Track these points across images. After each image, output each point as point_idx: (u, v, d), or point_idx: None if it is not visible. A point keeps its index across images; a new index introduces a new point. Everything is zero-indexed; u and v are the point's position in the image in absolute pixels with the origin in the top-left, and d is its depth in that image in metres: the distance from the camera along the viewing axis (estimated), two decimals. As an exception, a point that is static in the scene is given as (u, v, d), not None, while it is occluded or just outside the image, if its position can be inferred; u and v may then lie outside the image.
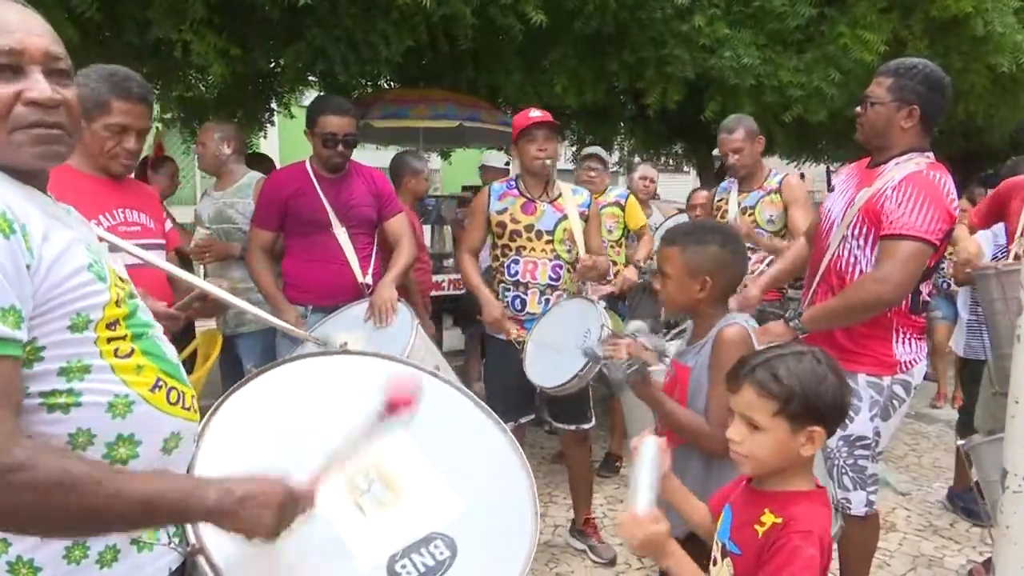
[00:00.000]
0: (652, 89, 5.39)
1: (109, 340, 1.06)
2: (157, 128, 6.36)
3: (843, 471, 2.46)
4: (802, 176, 6.95)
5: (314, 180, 3.08)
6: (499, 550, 1.43)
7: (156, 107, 6.16)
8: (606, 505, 3.74)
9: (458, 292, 4.93)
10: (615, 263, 4.09)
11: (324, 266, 3.07)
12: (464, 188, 6.57)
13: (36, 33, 1.05)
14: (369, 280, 3.09)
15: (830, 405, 1.32)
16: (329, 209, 3.06)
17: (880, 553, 3.25)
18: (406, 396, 1.24)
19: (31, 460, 0.91)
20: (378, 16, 4.30)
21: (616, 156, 9.06)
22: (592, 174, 4.08)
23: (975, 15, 5.07)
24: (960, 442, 1.93)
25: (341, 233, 3.09)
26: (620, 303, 4.27)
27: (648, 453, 1.42)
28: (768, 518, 1.33)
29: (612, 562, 3.16)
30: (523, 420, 3.16)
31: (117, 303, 1.08)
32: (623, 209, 4.18)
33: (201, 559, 1.20)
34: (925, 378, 6.18)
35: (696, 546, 1.52)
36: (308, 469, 1.18)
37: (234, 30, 4.14)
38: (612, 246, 4.08)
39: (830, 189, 2.63)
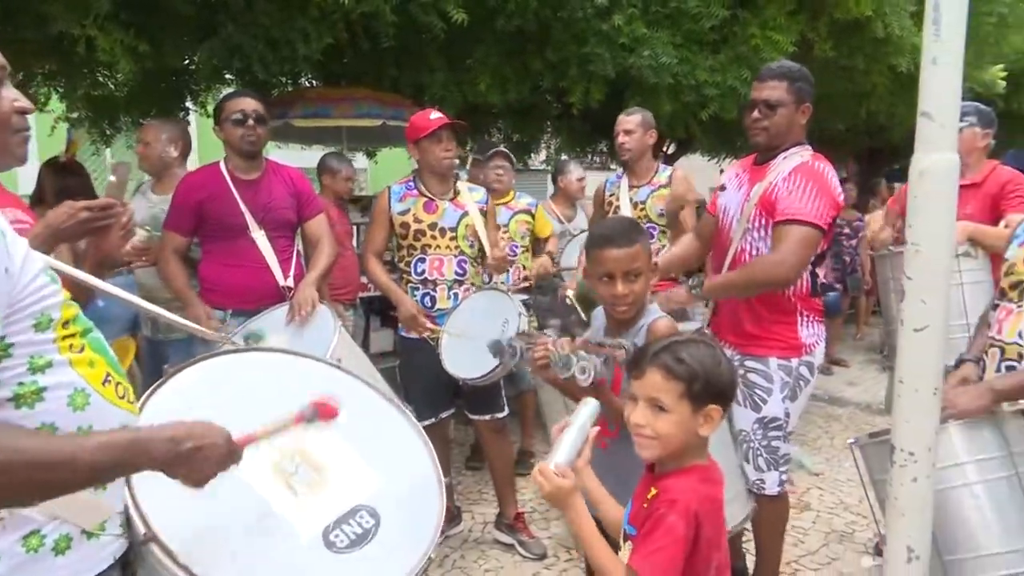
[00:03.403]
0: (575, 88, 5.46)
1: (64, 337, 1.12)
2: (68, 128, 6.07)
3: (758, 453, 2.57)
4: (722, 172, 7.18)
5: (229, 182, 3.01)
6: (414, 515, 1.65)
7: (61, 106, 5.88)
8: (535, 499, 3.79)
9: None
10: (524, 267, 4.16)
11: (243, 270, 3.01)
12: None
13: None
14: (291, 283, 3.04)
15: (727, 384, 1.43)
16: (246, 212, 3.00)
17: (795, 531, 3.42)
18: (330, 407, 1.48)
19: None
20: (296, 13, 4.22)
21: (543, 155, 9.14)
22: (500, 172, 4.12)
23: (875, 18, 5.33)
24: (850, 441, 2.05)
25: (259, 236, 3.03)
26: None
27: (584, 413, 1.49)
28: (651, 493, 1.41)
29: (542, 556, 3.20)
30: (444, 415, 3.21)
31: (67, 303, 1.15)
32: (533, 217, 4.24)
33: (154, 546, 1.30)
34: (833, 362, 6.48)
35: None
36: (239, 430, 1.29)
37: (142, 26, 3.99)
38: (523, 251, 4.14)
39: (721, 188, 2.75)
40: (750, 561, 2.86)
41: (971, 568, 1.72)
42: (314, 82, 6.18)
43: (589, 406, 1.51)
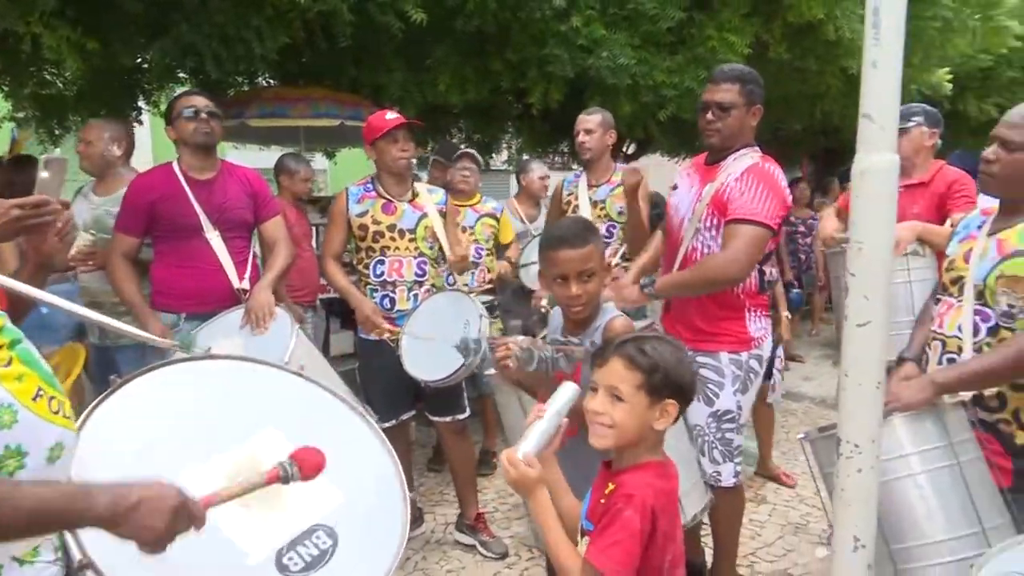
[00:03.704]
0: (535, 88, 5.48)
1: None
2: (13, 128, 5.88)
3: (713, 446, 2.62)
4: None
5: (183, 182, 2.96)
6: (376, 533, 1.57)
7: (7, 105, 5.71)
8: (498, 499, 3.80)
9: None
10: (489, 270, 4.18)
11: (196, 272, 2.95)
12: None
13: None
14: (246, 285, 2.99)
15: (687, 381, 1.46)
16: (200, 212, 2.95)
17: (752, 524, 3.48)
18: (313, 460, 1.35)
19: None
20: (251, 12, 4.16)
21: (505, 155, 9.16)
22: (466, 173, 4.12)
23: (827, 21, 5.46)
24: (799, 435, 2.10)
25: (214, 237, 2.98)
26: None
27: (562, 397, 1.50)
28: (609, 489, 1.42)
29: (503, 556, 3.21)
30: (404, 417, 3.20)
31: None
32: (498, 221, 4.26)
33: (90, 573, 1.22)
34: (789, 358, 6.59)
35: None
36: (202, 487, 1.21)
37: (90, 23, 3.89)
38: (488, 254, 4.16)
39: (673, 187, 2.79)
40: (709, 556, 2.91)
41: (917, 555, 1.77)
42: (271, 82, 6.10)
43: (568, 389, 1.51)
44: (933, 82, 7.28)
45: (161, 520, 1.06)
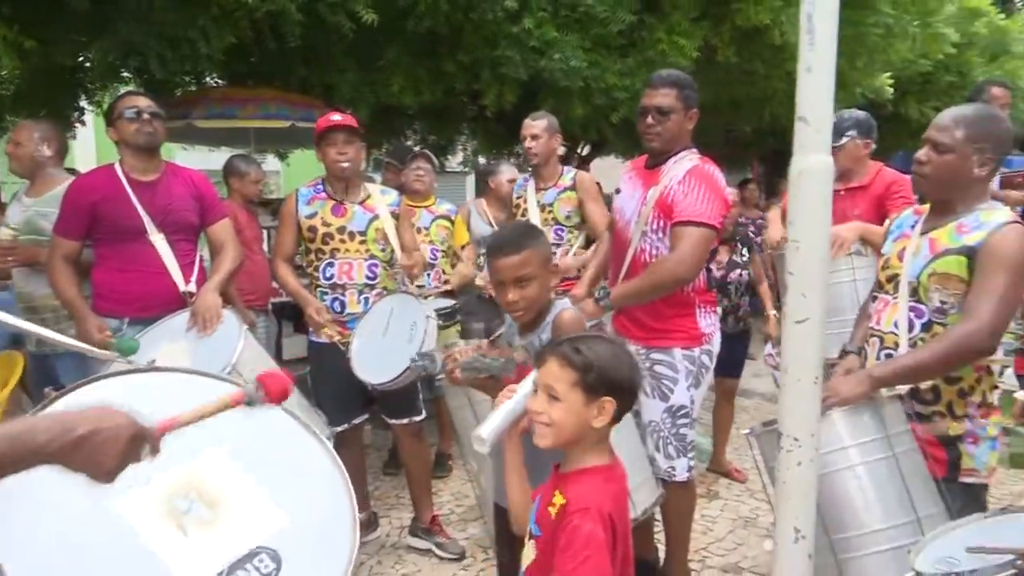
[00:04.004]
0: (488, 90, 5.51)
1: None
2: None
3: (667, 441, 2.66)
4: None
5: (125, 184, 2.88)
6: (322, 555, 1.50)
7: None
8: (453, 501, 3.79)
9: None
10: (444, 272, 4.17)
11: (140, 276, 2.88)
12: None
13: None
14: (192, 288, 2.92)
15: (624, 378, 1.46)
16: (144, 214, 2.88)
17: (704, 519, 3.54)
18: (283, 385, 1.29)
19: None
20: (196, 11, 4.08)
21: (460, 157, 9.14)
22: (420, 173, 4.10)
23: (773, 26, 5.59)
24: (745, 431, 2.15)
25: (158, 240, 2.91)
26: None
27: (521, 391, 1.53)
28: (558, 499, 1.43)
29: (460, 557, 3.20)
30: (357, 421, 3.17)
31: None
32: (452, 223, 4.26)
33: None
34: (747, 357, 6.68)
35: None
36: (159, 416, 1.16)
37: (28, 21, 3.76)
38: (443, 256, 4.16)
39: (617, 190, 2.83)
40: (662, 552, 2.95)
41: (856, 544, 1.83)
42: (219, 82, 5.99)
43: (527, 383, 1.54)
44: (876, 86, 7.51)
45: (113, 454, 1.03)
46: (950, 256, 1.95)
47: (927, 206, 2.15)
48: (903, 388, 1.97)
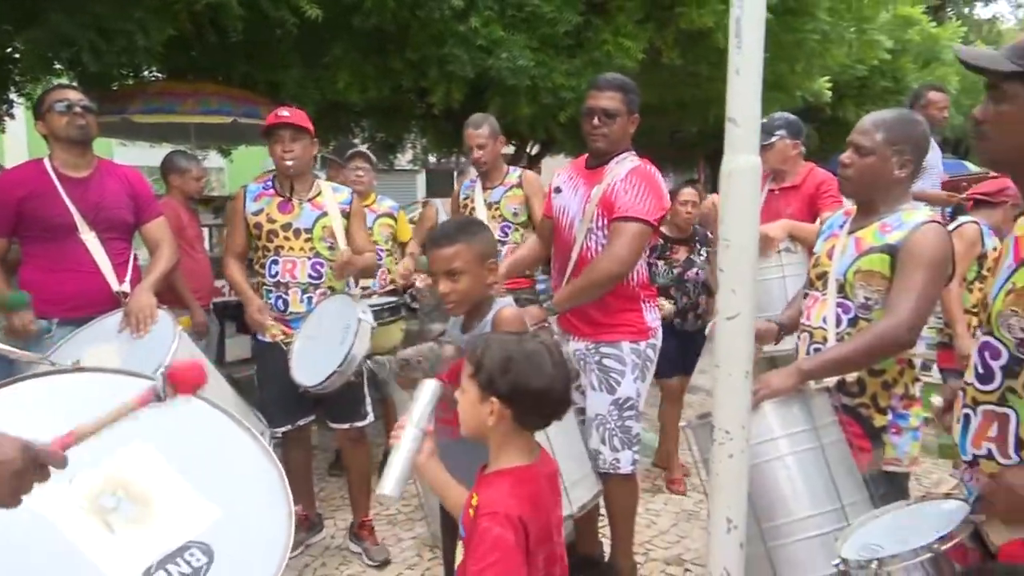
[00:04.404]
0: (436, 88, 5.49)
1: None
2: None
3: (614, 434, 2.70)
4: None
5: (55, 180, 2.79)
6: (257, 548, 1.51)
7: None
8: (401, 501, 3.75)
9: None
10: (389, 271, 4.14)
11: (71, 275, 2.80)
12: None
13: None
14: (127, 288, 2.85)
15: (511, 384, 1.43)
16: (74, 212, 2.79)
17: (648, 513, 3.61)
18: (193, 375, 1.28)
19: None
20: (132, 2, 3.96)
21: (409, 155, 9.09)
22: (360, 173, 4.07)
23: (716, 29, 5.71)
24: (682, 423, 2.20)
25: (90, 238, 2.83)
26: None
27: (418, 406, 1.57)
28: (475, 500, 1.44)
29: (383, 564, 3.13)
30: (302, 422, 3.12)
31: None
32: (395, 220, 4.21)
33: None
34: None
35: None
36: (60, 430, 1.15)
37: (-51, 10, 3.61)
38: (388, 255, 4.13)
39: (556, 190, 2.87)
40: (607, 547, 2.99)
41: (786, 532, 1.89)
42: (159, 76, 5.82)
43: (427, 389, 1.58)
44: (815, 89, 7.75)
45: (7, 482, 1.01)
46: (874, 254, 2.03)
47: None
48: (831, 381, 2.04)
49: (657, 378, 3.26)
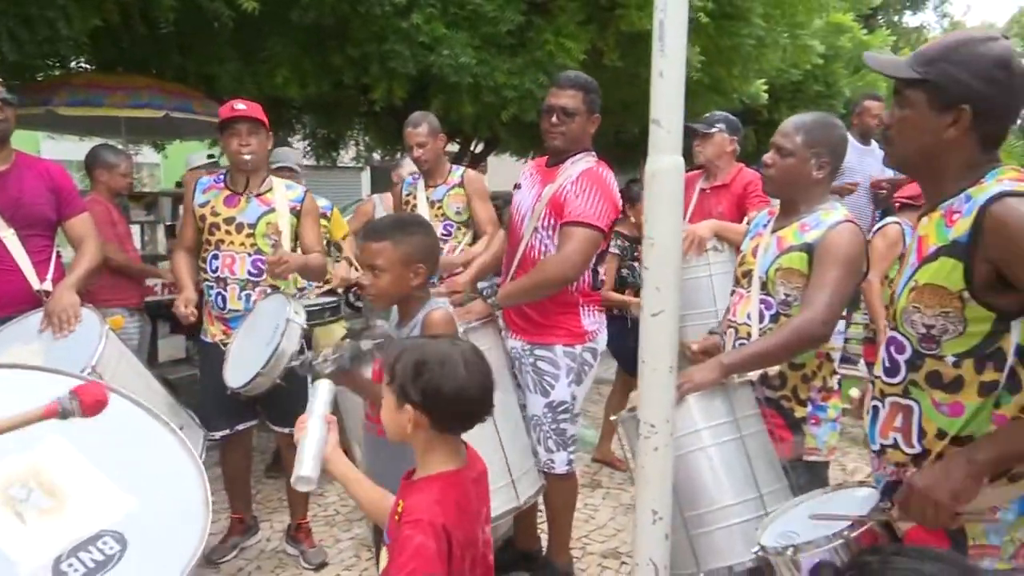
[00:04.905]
0: (377, 84, 5.45)
1: None
2: None
3: (548, 435, 2.73)
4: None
5: (-31, 175, 2.67)
6: (172, 537, 1.54)
7: None
8: (339, 502, 3.73)
9: (174, 296, 4.56)
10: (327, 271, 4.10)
11: (-12, 273, 2.68)
12: (178, 184, 6.06)
13: None
14: (48, 286, 2.75)
15: (422, 390, 1.41)
16: (-10, 208, 2.68)
17: (587, 508, 3.66)
18: (97, 397, 1.31)
19: None
20: (56, -11, 3.81)
21: (353, 152, 8.99)
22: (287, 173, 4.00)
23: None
24: (613, 417, 2.25)
25: (9, 235, 2.72)
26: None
27: (317, 404, 1.61)
28: (400, 507, 1.43)
29: (320, 567, 3.09)
30: (241, 427, 3.05)
31: None
32: (328, 220, 4.16)
33: None
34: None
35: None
36: None
37: None
38: (323, 253, 4.07)
39: (516, 186, 2.89)
40: (545, 542, 3.03)
41: (708, 520, 1.95)
42: (87, 67, 5.62)
43: (322, 390, 1.63)
44: (752, 92, 7.96)
45: None
46: (793, 252, 2.11)
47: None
48: (754, 374, 2.11)
49: (630, 376, 3.29)
